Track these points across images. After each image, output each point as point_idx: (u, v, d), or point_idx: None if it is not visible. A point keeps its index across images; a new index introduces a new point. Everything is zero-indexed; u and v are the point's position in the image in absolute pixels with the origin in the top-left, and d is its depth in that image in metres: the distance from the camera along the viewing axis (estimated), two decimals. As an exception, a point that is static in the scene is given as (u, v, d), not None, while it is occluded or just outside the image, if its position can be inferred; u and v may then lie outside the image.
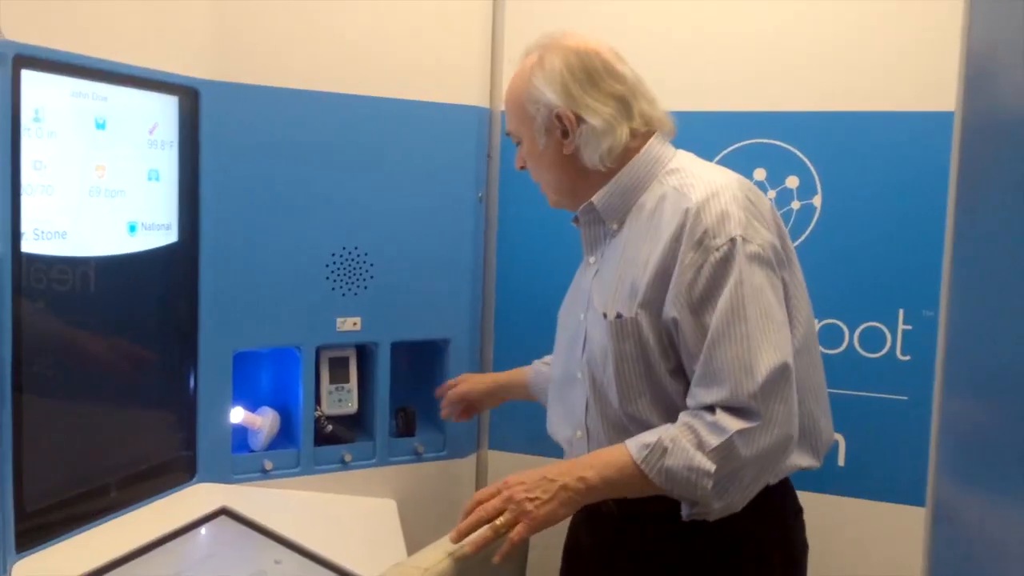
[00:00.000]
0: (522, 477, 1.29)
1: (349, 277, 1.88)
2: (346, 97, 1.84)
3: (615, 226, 1.39)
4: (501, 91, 2.05)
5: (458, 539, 1.29)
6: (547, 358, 1.75)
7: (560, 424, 1.50)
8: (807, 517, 1.47)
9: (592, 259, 1.43)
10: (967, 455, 1.36)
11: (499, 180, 2.08)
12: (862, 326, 1.80)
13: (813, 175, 1.81)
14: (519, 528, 1.25)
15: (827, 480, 1.82)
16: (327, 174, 1.84)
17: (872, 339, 1.79)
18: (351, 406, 1.95)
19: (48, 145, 1.41)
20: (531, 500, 1.25)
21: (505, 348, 2.09)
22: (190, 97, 1.69)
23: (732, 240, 1.24)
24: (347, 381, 1.95)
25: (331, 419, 1.93)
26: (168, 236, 1.69)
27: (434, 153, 1.95)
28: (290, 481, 1.86)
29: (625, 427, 1.33)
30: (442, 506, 2.03)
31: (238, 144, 1.74)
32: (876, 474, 1.80)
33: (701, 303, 1.25)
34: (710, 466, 1.21)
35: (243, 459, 1.84)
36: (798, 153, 1.82)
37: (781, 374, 1.23)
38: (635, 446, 1.26)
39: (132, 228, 1.60)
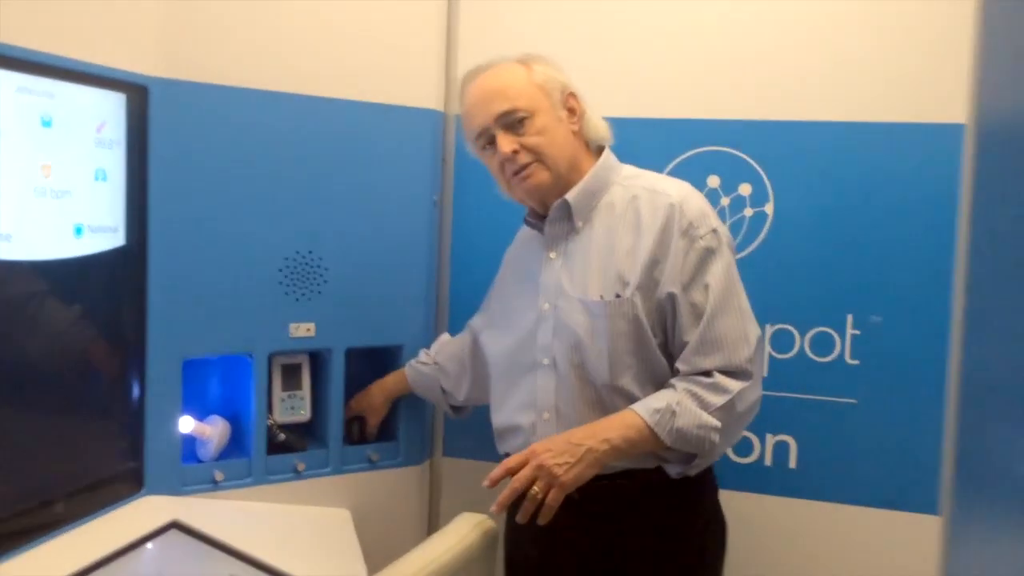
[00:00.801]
0: (548, 444, 1.43)
1: (303, 282, 1.84)
2: (300, 98, 1.80)
3: (580, 224, 1.55)
4: (456, 94, 2.03)
5: (500, 511, 1.45)
6: (423, 355, 1.93)
7: (518, 411, 1.59)
8: (759, 519, 1.68)
9: (553, 255, 1.57)
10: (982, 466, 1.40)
11: (454, 184, 2.06)
12: (812, 331, 1.84)
13: (765, 183, 1.85)
14: (553, 493, 1.40)
15: (778, 482, 1.86)
16: (280, 176, 1.79)
17: (822, 344, 1.84)
18: (304, 413, 1.91)
19: (-8, 143, 1.34)
20: (560, 465, 1.40)
21: (459, 354, 2.07)
22: (139, 95, 1.62)
23: (713, 231, 1.47)
24: (300, 388, 1.91)
25: (283, 427, 1.89)
26: (115, 239, 1.62)
27: (389, 156, 1.93)
28: (242, 492, 1.81)
29: (601, 401, 1.50)
30: (397, 515, 2.00)
31: (188, 144, 1.69)
32: (826, 475, 1.85)
33: (692, 282, 1.46)
34: (716, 423, 1.41)
35: (192, 470, 1.78)
36: (750, 161, 1.86)
37: (760, 341, 1.50)
38: (646, 412, 1.42)
39: (78, 230, 1.53)
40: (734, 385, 1.43)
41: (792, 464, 1.87)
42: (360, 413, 1.97)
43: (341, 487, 1.93)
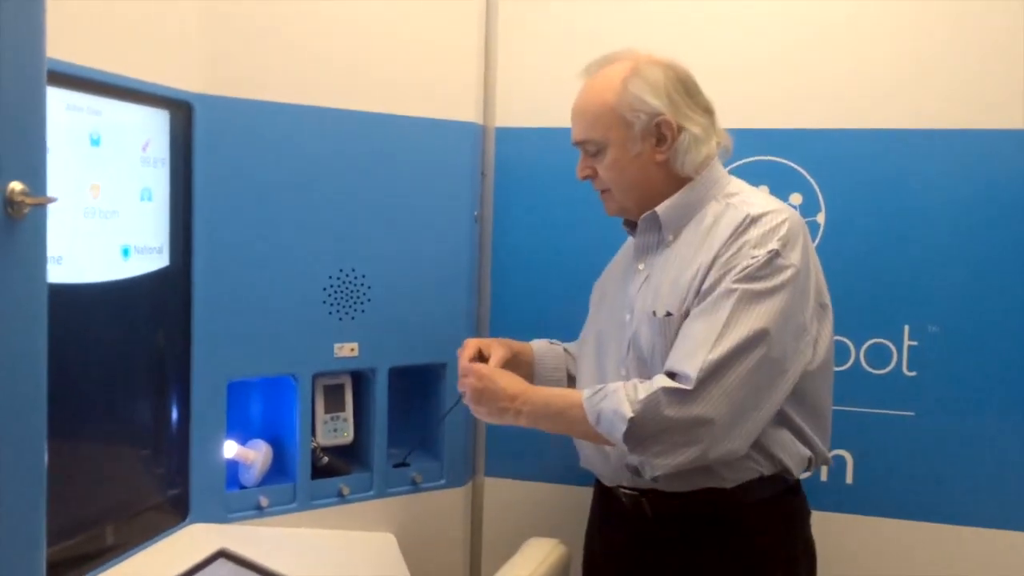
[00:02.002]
0: (486, 378, 1.50)
1: (346, 301, 1.80)
2: (340, 112, 1.76)
3: (670, 237, 1.46)
4: (495, 107, 2.01)
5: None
6: (546, 340, 1.79)
7: None
8: (815, 537, 1.54)
9: (641, 266, 1.50)
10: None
11: (493, 198, 2.02)
12: (868, 342, 1.81)
13: (816, 193, 1.82)
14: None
15: (835, 498, 1.82)
16: (322, 193, 1.76)
17: (878, 355, 1.80)
18: (347, 436, 1.86)
19: (43, 163, 1.29)
20: (478, 405, 1.51)
21: (501, 371, 2.03)
22: (183, 111, 1.58)
23: (770, 252, 1.34)
24: (343, 409, 1.86)
25: (326, 450, 1.84)
26: (160, 260, 1.58)
27: (429, 171, 1.89)
28: (286, 518, 1.76)
29: None
30: (441, 538, 1.95)
31: (232, 161, 1.65)
32: (885, 491, 1.81)
33: (709, 291, 1.36)
34: (628, 412, 1.32)
35: (237, 496, 1.73)
36: (801, 171, 1.83)
37: (734, 360, 1.31)
38: (588, 390, 1.41)
39: (126, 252, 1.49)
40: (662, 383, 1.32)
41: (849, 480, 1.83)
42: (484, 349, 1.65)
43: (385, 511, 1.88)
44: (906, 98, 1.77)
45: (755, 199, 1.44)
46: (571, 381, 1.75)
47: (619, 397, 1.35)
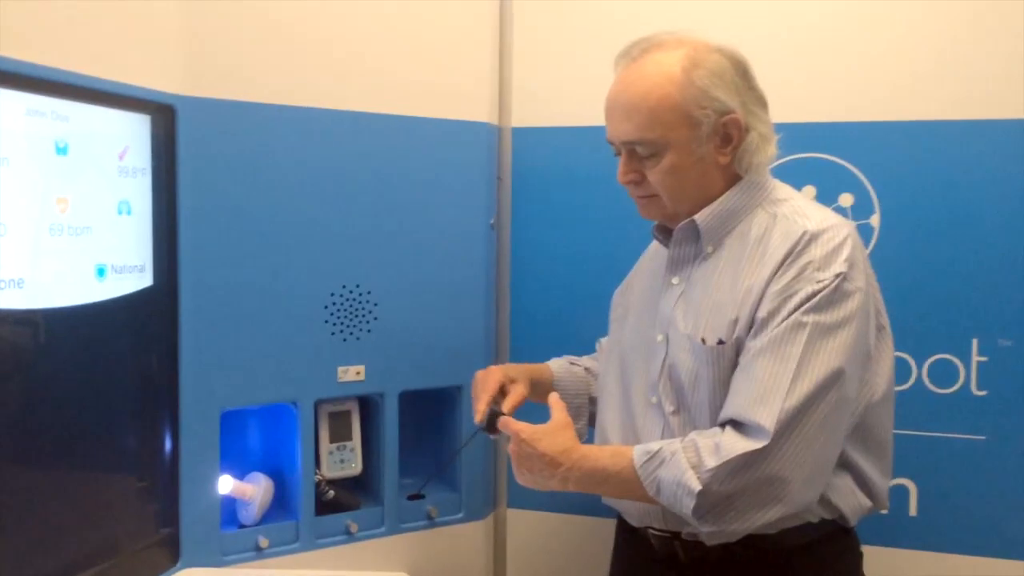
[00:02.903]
0: (527, 443, 1.27)
1: (350, 320, 1.64)
2: (340, 114, 1.61)
3: (709, 248, 1.29)
4: (510, 106, 1.85)
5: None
6: (570, 357, 1.63)
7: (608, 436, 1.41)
8: (874, 573, 1.38)
9: (676, 280, 1.33)
10: None
11: (511, 205, 1.86)
12: (931, 359, 1.62)
13: (869, 192, 1.64)
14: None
15: (897, 532, 1.64)
16: (322, 202, 1.61)
17: (943, 373, 1.62)
18: (355, 467, 1.71)
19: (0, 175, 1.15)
20: (519, 468, 1.30)
21: (523, 393, 1.87)
22: (165, 115, 1.44)
23: (837, 275, 1.18)
24: (349, 439, 1.71)
25: (332, 483, 1.68)
26: (142, 279, 1.43)
27: (439, 176, 1.73)
28: (289, 559, 1.61)
29: None
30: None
31: (221, 170, 1.51)
32: (952, 524, 1.62)
33: (769, 319, 1.19)
34: (696, 486, 1.15)
35: (234, 536, 1.58)
36: (852, 168, 1.65)
37: (812, 406, 1.15)
38: (639, 451, 1.22)
39: (101, 272, 1.34)
40: (737, 445, 1.14)
41: (912, 511, 1.64)
42: (501, 387, 1.48)
43: (398, 548, 1.73)
44: (968, 85, 1.58)
45: (808, 209, 1.26)
46: (593, 404, 1.59)
47: (680, 465, 1.16)
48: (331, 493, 1.68)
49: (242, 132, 1.52)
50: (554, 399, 1.37)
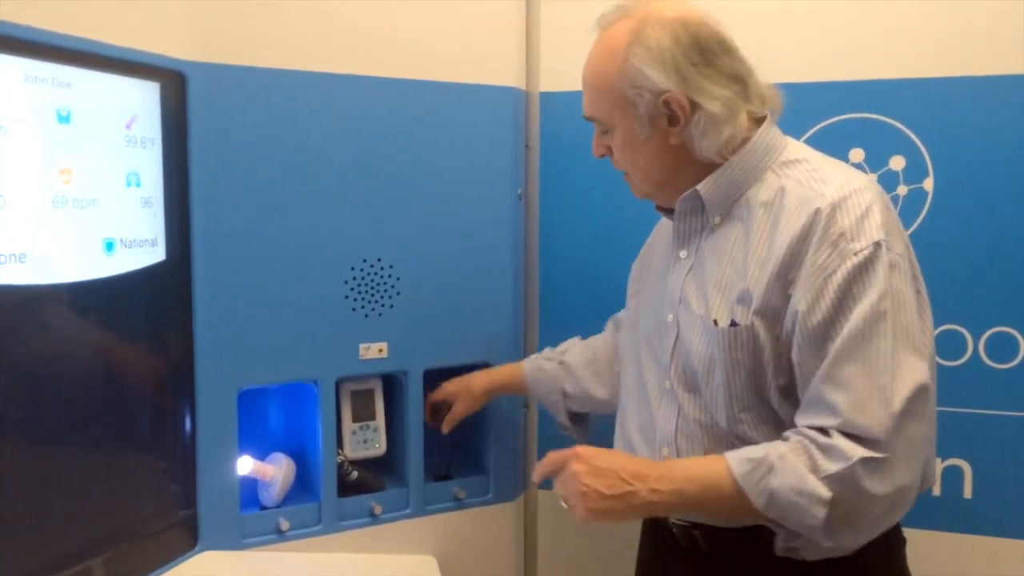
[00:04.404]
0: (594, 456, 1.12)
1: (372, 295, 1.58)
2: (360, 79, 1.54)
3: (717, 219, 1.20)
4: (538, 69, 1.76)
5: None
6: (547, 352, 1.63)
7: (637, 437, 1.30)
8: (927, 560, 1.31)
9: (683, 253, 1.24)
10: None
11: (540, 174, 1.78)
12: (989, 332, 1.52)
13: (923, 154, 1.53)
14: (574, 514, 1.13)
15: (951, 515, 1.55)
16: (342, 173, 1.54)
17: (1001, 347, 1.51)
18: (379, 447, 1.65)
19: (-4, 144, 1.10)
20: (588, 491, 1.10)
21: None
22: (175, 83, 1.38)
23: (876, 244, 1.07)
24: (373, 418, 1.65)
25: (356, 464, 1.63)
26: (154, 254, 1.38)
27: (464, 144, 1.65)
28: (311, 542, 1.56)
29: (729, 445, 1.16)
30: (488, 560, 1.73)
31: (235, 139, 1.44)
32: (1010, 507, 1.52)
33: (832, 314, 1.07)
34: (825, 493, 1.03)
35: (254, 519, 1.53)
36: (903, 128, 1.54)
37: (920, 401, 1.05)
38: (736, 460, 1.09)
39: (109, 246, 1.29)
40: (856, 451, 1.03)
41: (967, 494, 1.54)
42: (449, 397, 1.64)
43: (424, 531, 1.67)
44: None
45: (825, 172, 1.14)
46: (568, 399, 1.58)
47: (797, 471, 1.05)
48: (354, 474, 1.62)
49: (257, 100, 1.45)
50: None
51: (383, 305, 1.59)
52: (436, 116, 1.62)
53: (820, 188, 1.11)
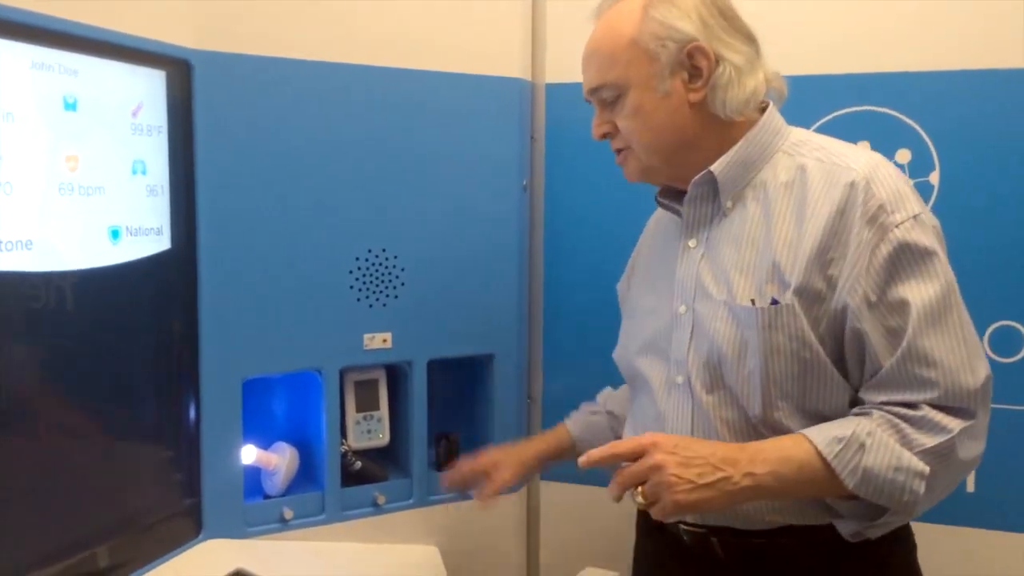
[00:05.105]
0: (678, 444, 1.05)
1: (377, 286, 1.58)
2: (367, 70, 1.54)
3: (729, 204, 1.17)
4: (544, 60, 1.76)
5: (615, 498, 1.07)
6: (586, 407, 1.52)
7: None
8: (931, 552, 1.24)
9: (693, 242, 1.19)
10: None
11: (545, 165, 1.78)
12: (993, 326, 1.51)
13: (929, 147, 1.53)
14: (658, 509, 1.03)
15: (954, 509, 1.54)
16: (348, 163, 1.54)
17: (1005, 341, 1.51)
18: (382, 437, 1.66)
19: (3, 130, 1.10)
20: (680, 481, 1.02)
21: (557, 363, 1.80)
22: (181, 71, 1.38)
23: (914, 218, 1.05)
24: (376, 408, 1.65)
25: (359, 454, 1.63)
26: (159, 243, 1.38)
27: (470, 135, 1.65)
28: (314, 531, 1.57)
29: (756, 439, 1.11)
30: (491, 551, 1.74)
31: (240, 128, 1.44)
32: (1013, 501, 1.52)
33: (887, 287, 1.05)
34: (923, 467, 1.02)
35: (257, 508, 1.54)
36: (909, 122, 1.53)
37: (990, 383, 1.05)
38: (821, 439, 1.04)
39: (115, 234, 1.29)
40: (953, 423, 1.02)
41: (970, 487, 1.54)
42: (489, 467, 1.44)
43: (427, 521, 1.67)
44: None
45: (840, 149, 1.13)
46: None
47: (892, 448, 1.02)
48: (358, 464, 1.63)
49: (263, 89, 1.46)
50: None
51: (387, 295, 1.59)
52: (441, 107, 1.62)
53: (846, 162, 1.09)
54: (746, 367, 1.11)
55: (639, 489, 1.04)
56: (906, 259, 1.04)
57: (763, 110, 1.17)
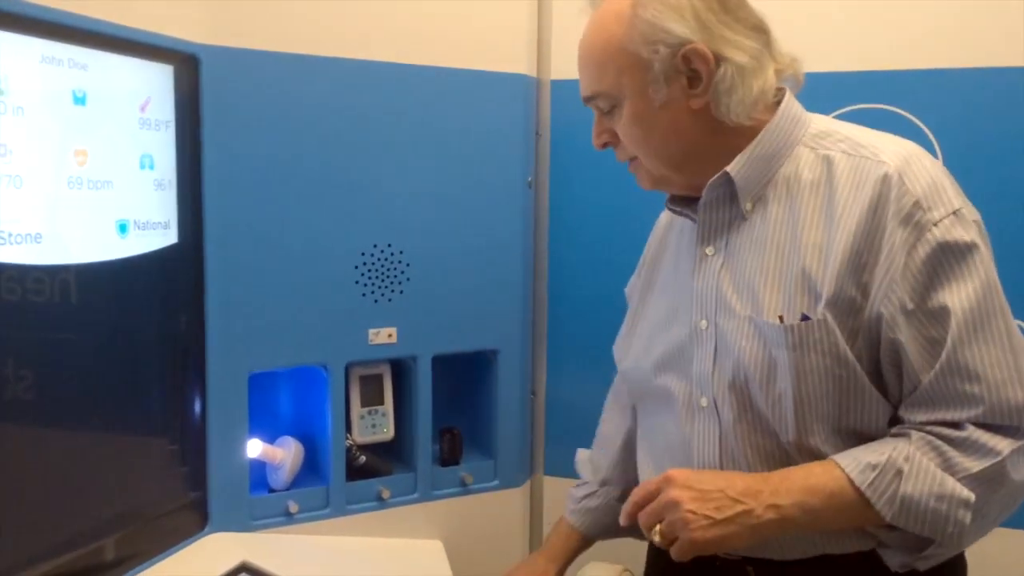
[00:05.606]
0: (694, 479, 1.00)
1: (382, 281, 1.58)
2: (372, 65, 1.54)
3: (749, 206, 1.07)
4: (550, 56, 1.76)
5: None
6: (578, 492, 1.42)
7: (665, 467, 1.08)
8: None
9: (710, 250, 1.09)
10: None
11: (550, 161, 1.78)
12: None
13: (933, 145, 1.53)
14: (677, 548, 0.98)
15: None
16: (353, 158, 1.54)
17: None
18: (387, 432, 1.66)
19: (14, 124, 1.11)
20: (697, 517, 0.97)
21: (561, 359, 1.81)
22: (188, 66, 1.38)
23: (954, 214, 0.96)
24: (381, 403, 1.66)
25: (364, 448, 1.64)
26: (166, 237, 1.39)
27: (474, 130, 1.65)
28: (319, 524, 1.57)
29: (789, 464, 1.03)
30: (495, 546, 1.74)
31: (247, 124, 1.44)
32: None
33: (926, 293, 0.95)
34: (968, 494, 0.93)
35: (263, 501, 1.54)
36: (914, 119, 1.54)
37: None
38: (854, 466, 0.97)
39: (123, 228, 1.30)
40: (1002, 444, 0.93)
41: None
42: None
43: (431, 515, 1.68)
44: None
45: (867, 139, 1.03)
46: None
47: (933, 475, 0.94)
48: (362, 458, 1.63)
49: (269, 84, 1.46)
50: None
51: (393, 290, 1.60)
52: (447, 102, 1.62)
53: (875, 154, 0.99)
54: (776, 389, 1.02)
55: (657, 528, 0.99)
56: (946, 260, 0.95)
57: (779, 101, 1.07)
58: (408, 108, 1.58)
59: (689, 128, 1.05)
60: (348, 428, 1.62)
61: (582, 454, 1.45)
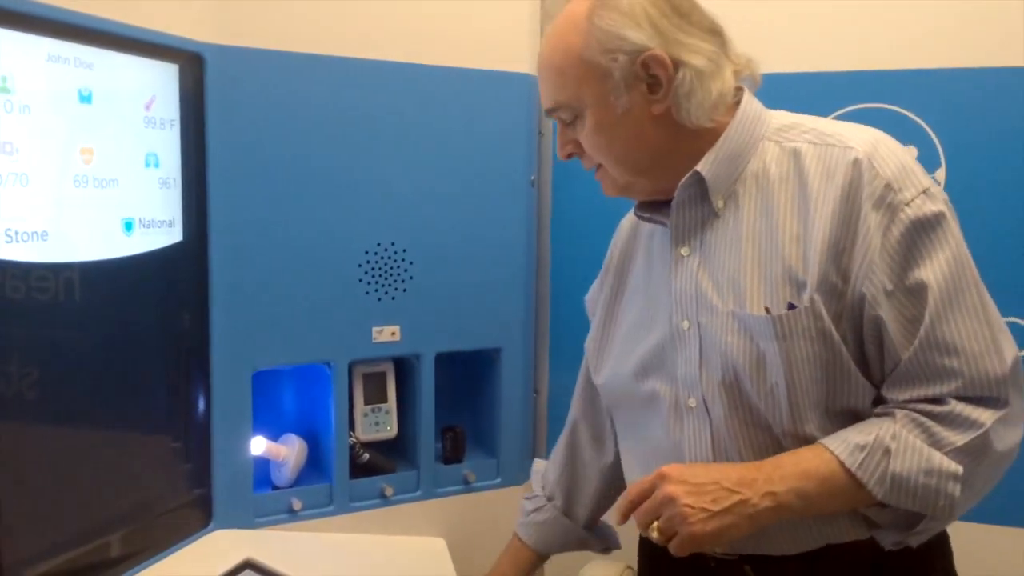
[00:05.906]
0: (688, 473, 1.00)
1: (386, 279, 1.59)
2: (376, 64, 1.55)
3: (720, 203, 1.07)
4: (553, 56, 1.76)
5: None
6: (527, 506, 1.42)
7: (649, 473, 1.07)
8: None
9: (685, 250, 1.09)
10: None
11: (552, 161, 1.79)
12: (998, 322, 1.53)
13: (935, 144, 1.54)
14: (676, 544, 0.98)
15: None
16: (357, 157, 1.55)
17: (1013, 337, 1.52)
18: (390, 430, 1.67)
19: (20, 122, 1.11)
20: (693, 510, 0.97)
21: (563, 357, 1.81)
22: (193, 65, 1.39)
23: (924, 192, 0.97)
24: (384, 401, 1.66)
25: (367, 446, 1.65)
26: (171, 235, 1.39)
27: (478, 129, 1.66)
28: (322, 522, 1.58)
29: (779, 452, 1.03)
30: (497, 543, 1.74)
31: (252, 122, 1.45)
32: (1014, 495, 1.53)
33: (903, 273, 0.97)
34: (955, 467, 0.94)
35: (266, 498, 1.55)
36: (916, 119, 1.55)
37: (1014, 342, 0.99)
38: (842, 448, 0.98)
39: (128, 226, 1.31)
40: (984, 415, 0.95)
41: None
42: None
43: (434, 513, 1.69)
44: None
45: (832, 129, 1.04)
46: (588, 521, 1.39)
47: (920, 450, 0.95)
48: (366, 456, 1.64)
49: (274, 83, 1.46)
50: None
51: (396, 289, 1.60)
52: (450, 102, 1.62)
53: (842, 141, 1.01)
54: (768, 381, 1.02)
55: (655, 525, 0.99)
56: (920, 236, 0.96)
57: (738, 101, 1.08)
58: (412, 107, 1.59)
59: (652, 134, 1.06)
60: (351, 426, 1.63)
61: (538, 464, 1.46)
